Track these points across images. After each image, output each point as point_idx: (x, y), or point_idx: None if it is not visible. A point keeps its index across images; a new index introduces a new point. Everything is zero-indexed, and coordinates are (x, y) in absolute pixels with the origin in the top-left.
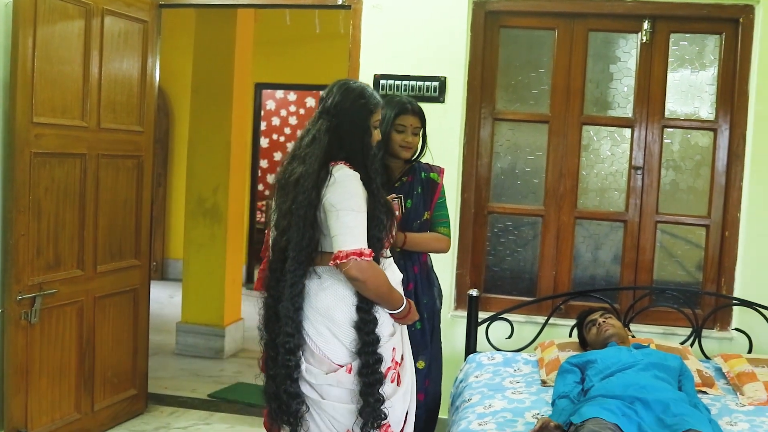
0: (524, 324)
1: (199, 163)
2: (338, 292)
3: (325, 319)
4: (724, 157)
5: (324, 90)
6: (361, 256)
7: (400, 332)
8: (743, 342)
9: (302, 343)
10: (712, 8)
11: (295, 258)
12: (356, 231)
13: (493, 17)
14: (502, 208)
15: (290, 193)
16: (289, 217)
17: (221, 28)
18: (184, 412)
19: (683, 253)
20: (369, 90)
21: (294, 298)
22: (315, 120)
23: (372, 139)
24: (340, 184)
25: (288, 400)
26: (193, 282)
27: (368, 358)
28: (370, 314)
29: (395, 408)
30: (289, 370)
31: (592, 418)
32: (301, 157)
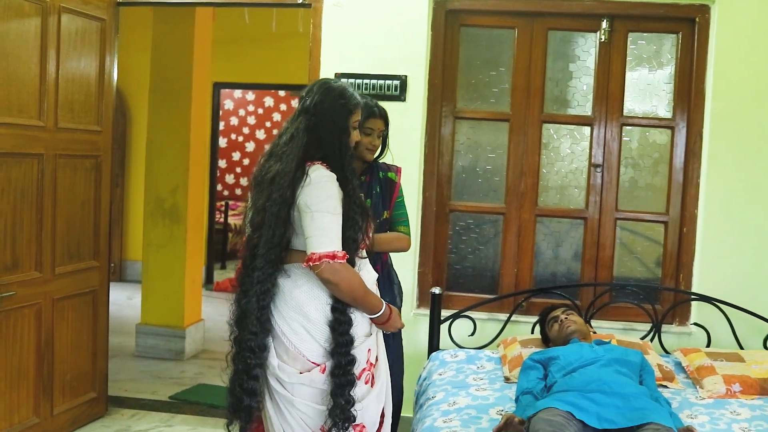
0: (486, 321)
1: (158, 164)
2: (313, 291)
3: (299, 317)
4: (681, 154)
5: (304, 89)
6: (334, 258)
7: (376, 333)
8: (702, 336)
9: (274, 339)
10: (669, 8)
11: (264, 255)
12: (330, 233)
13: (453, 16)
14: (464, 206)
15: (265, 191)
16: (262, 214)
17: (180, 26)
18: (145, 414)
19: (642, 249)
20: (349, 90)
21: (260, 296)
22: (294, 118)
23: (350, 140)
24: (316, 185)
25: (241, 395)
26: (152, 283)
27: (341, 359)
28: (345, 315)
29: (369, 409)
30: (248, 367)
31: (545, 408)
32: (278, 154)
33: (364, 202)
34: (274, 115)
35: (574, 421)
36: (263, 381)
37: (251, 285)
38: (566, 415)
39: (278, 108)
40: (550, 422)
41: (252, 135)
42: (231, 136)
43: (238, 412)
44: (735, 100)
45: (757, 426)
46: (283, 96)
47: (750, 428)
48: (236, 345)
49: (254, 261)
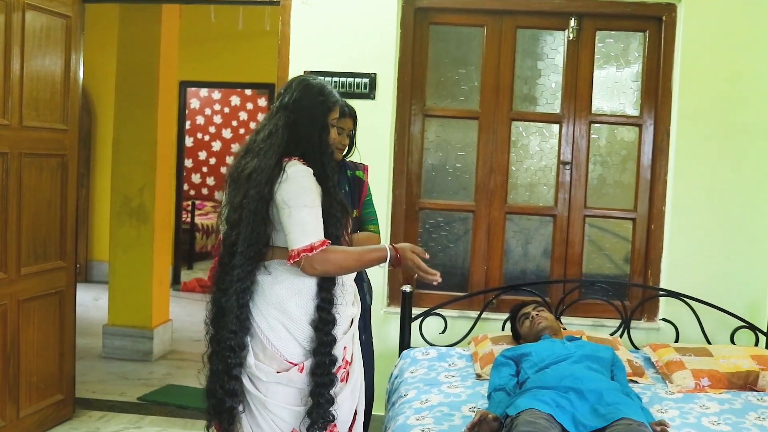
0: (457, 319)
1: (125, 163)
2: (294, 287)
3: (279, 314)
4: (649, 151)
5: (282, 86)
6: (312, 251)
7: (352, 331)
8: (670, 332)
9: (252, 338)
10: (636, 6)
11: (243, 253)
12: (308, 227)
13: (422, 14)
14: (434, 204)
15: (242, 188)
16: (240, 211)
17: (146, 24)
18: (114, 416)
19: (611, 246)
20: (328, 88)
21: (240, 294)
22: (272, 115)
23: (329, 137)
24: (292, 181)
25: (223, 397)
26: (119, 283)
27: (324, 358)
28: (330, 314)
29: (342, 407)
30: (228, 367)
31: (527, 410)
32: (255, 151)
33: (344, 198)
34: (240, 113)
35: (555, 423)
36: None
37: (230, 283)
38: (548, 418)
39: (244, 107)
40: (534, 424)
41: (218, 134)
42: (197, 135)
43: (221, 415)
44: (701, 98)
45: (726, 419)
46: (249, 95)
47: (719, 422)
48: (214, 344)
49: (232, 259)
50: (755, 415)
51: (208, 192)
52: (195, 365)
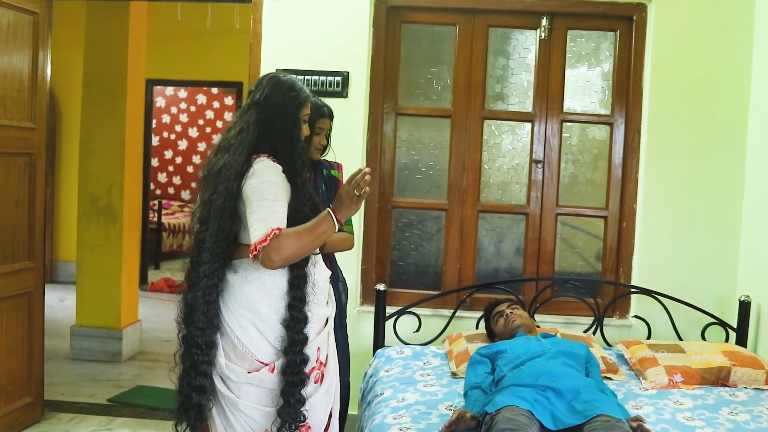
0: (430, 317)
1: (92, 161)
2: (265, 285)
3: (249, 313)
4: (620, 150)
5: (253, 83)
6: (266, 240)
7: (326, 332)
8: (642, 329)
9: (223, 338)
10: (607, 6)
11: (210, 249)
12: (267, 221)
13: (394, 12)
14: (406, 202)
15: (212, 184)
16: (208, 207)
17: (114, 22)
18: (84, 418)
19: (583, 244)
20: (299, 84)
21: (207, 291)
22: (243, 112)
23: (301, 133)
24: (258, 175)
25: (190, 393)
26: (87, 284)
27: (295, 357)
28: (302, 312)
29: (317, 409)
30: (195, 364)
31: (507, 406)
32: (226, 147)
33: (315, 194)
34: (206, 112)
35: (534, 419)
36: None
37: (197, 280)
38: (528, 414)
39: (211, 105)
40: (514, 421)
41: (184, 133)
42: (163, 134)
43: (188, 411)
44: (672, 97)
45: (700, 415)
46: (215, 93)
47: (693, 417)
48: (184, 343)
49: (200, 255)
50: (728, 410)
51: (175, 191)
52: (165, 366)
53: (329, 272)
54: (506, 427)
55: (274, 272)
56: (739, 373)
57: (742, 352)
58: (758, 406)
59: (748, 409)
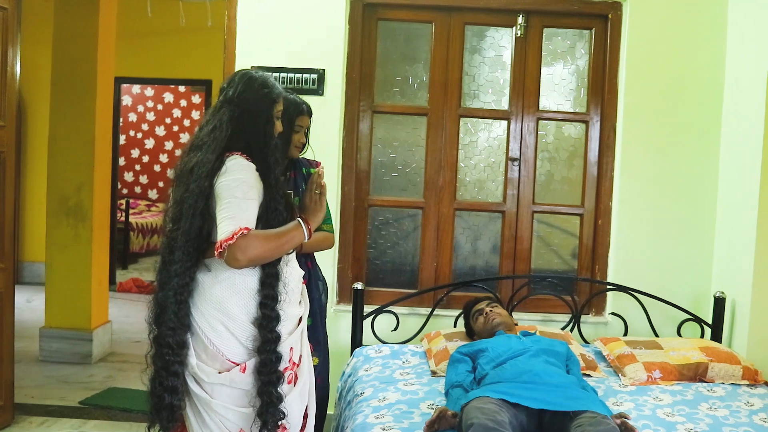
0: (407, 316)
1: (61, 160)
2: (235, 286)
3: (219, 314)
4: (595, 148)
5: (225, 80)
6: (232, 238)
7: (300, 332)
8: (618, 325)
9: (193, 338)
10: (583, 4)
11: (182, 248)
12: (235, 219)
13: (370, 10)
14: (383, 201)
15: (184, 182)
16: (180, 206)
17: (83, 19)
18: (55, 421)
19: (559, 241)
20: (271, 80)
21: (178, 290)
22: (216, 110)
23: (274, 130)
24: (229, 173)
25: (162, 393)
26: (56, 284)
27: (269, 356)
28: (274, 311)
29: (292, 409)
30: (166, 364)
31: (477, 397)
32: (198, 146)
33: (289, 194)
34: (173, 111)
35: (508, 406)
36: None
37: (169, 279)
38: (499, 402)
39: (178, 104)
40: (482, 410)
41: (151, 131)
42: (129, 133)
43: (160, 412)
44: (646, 95)
45: (680, 411)
46: (183, 92)
47: (673, 413)
48: (155, 343)
49: (172, 254)
50: (707, 405)
51: (141, 190)
52: (136, 367)
53: (302, 271)
54: (475, 416)
55: (245, 271)
56: (717, 369)
57: (718, 348)
58: (736, 401)
59: (727, 404)
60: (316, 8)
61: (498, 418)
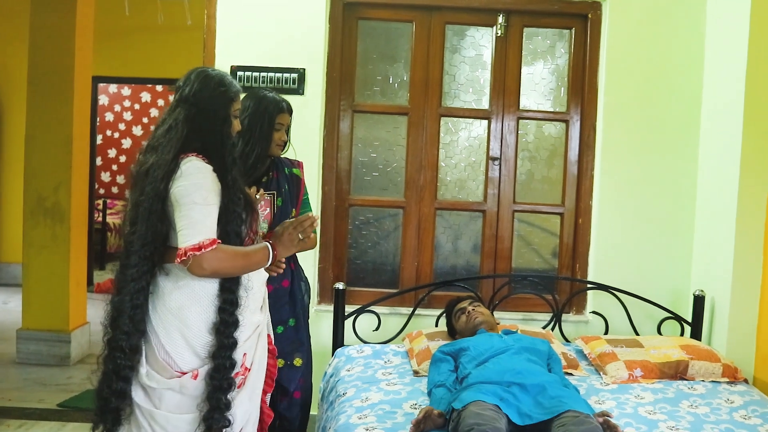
0: (389, 316)
1: (38, 160)
2: (195, 292)
3: (177, 321)
4: (576, 147)
5: (180, 78)
6: (200, 249)
7: (256, 336)
8: (599, 324)
9: (146, 343)
10: (563, 4)
11: (138, 252)
12: (198, 225)
13: (351, 9)
14: (363, 200)
15: (140, 185)
16: (137, 209)
17: (60, 17)
18: (33, 424)
19: (539, 240)
20: (228, 78)
21: (134, 294)
22: (172, 109)
23: (231, 129)
24: (186, 177)
25: (109, 397)
26: (34, 285)
27: (224, 362)
28: (233, 316)
29: (235, 414)
30: (117, 368)
31: (474, 401)
32: (154, 146)
33: (249, 194)
34: (151, 110)
35: (502, 413)
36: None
37: (125, 283)
38: (495, 408)
39: (155, 103)
40: (481, 415)
41: (128, 131)
42: (106, 133)
43: (105, 415)
44: (626, 94)
45: (661, 408)
46: (160, 91)
47: (655, 411)
48: (108, 346)
49: (129, 258)
50: (688, 403)
51: (119, 190)
52: None
53: (266, 275)
54: (474, 422)
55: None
56: (697, 367)
57: (698, 346)
58: (716, 399)
59: (707, 402)
60: (296, 7)
61: (497, 425)
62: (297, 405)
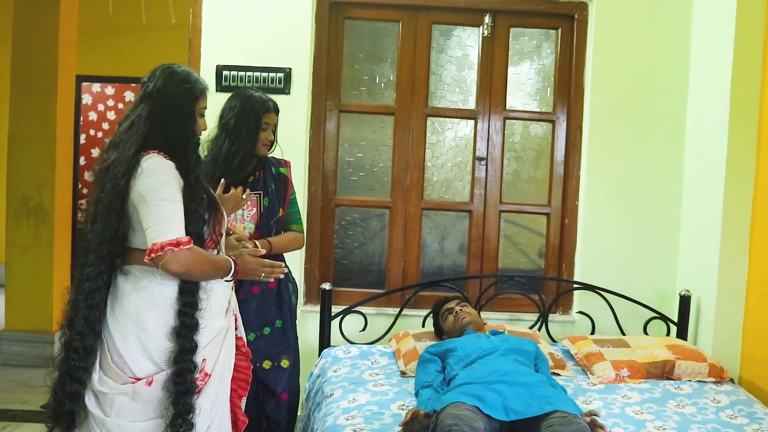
0: (375, 316)
1: (22, 160)
2: (153, 296)
3: (134, 325)
4: (562, 147)
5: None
6: (178, 246)
7: (219, 341)
8: (585, 324)
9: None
10: (549, 4)
11: (95, 251)
12: (171, 221)
13: (337, 8)
14: (349, 200)
15: (101, 182)
16: (96, 207)
17: (43, 15)
18: (17, 426)
19: (526, 241)
20: (194, 75)
21: (90, 294)
22: (135, 105)
23: (196, 127)
24: (149, 174)
25: (63, 399)
26: (17, 286)
27: (185, 365)
28: (193, 319)
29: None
30: (71, 369)
31: (452, 403)
32: (116, 143)
33: (213, 195)
34: None
35: (481, 414)
36: None
37: (81, 282)
38: (473, 409)
39: None
40: (458, 416)
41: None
42: (90, 132)
43: (60, 418)
44: (612, 94)
45: (648, 408)
46: None
47: (642, 411)
48: (64, 347)
49: (87, 257)
50: (675, 403)
51: None
52: None
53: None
54: (452, 423)
55: (165, 280)
56: (683, 367)
57: (685, 346)
58: (703, 399)
59: (694, 402)
60: (282, 7)
61: (474, 425)
62: (284, 407)
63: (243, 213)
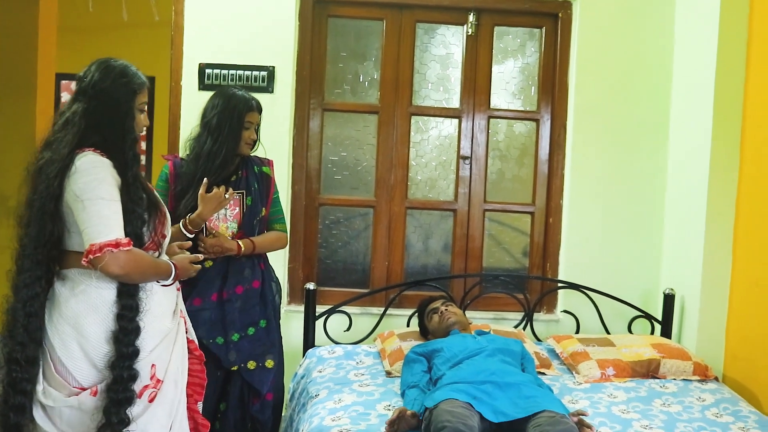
0: (359, 316)
1: (0, 159)
2: (91, 300)
3: (74, 332)
4: (546, 146)
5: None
6: (117, 247)
7: (168, 345)
8: (569, 323)
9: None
10: (534, 3)
11: (31, 256)
12: (110, 221)
13: (321, 6)
14: (333, 199)
15: (33, 183)
16: (29, 209)
17: (21, 10)
18: None
19: (510, 240)
20: (132, 69)
21: (27, 302)
22: (70, 102)
23: (135, 123)
24: (84, 173)
25: (7, 413)
26: None
27: (122, 372)
28: (132, 323)
29: (151, 428)
30: (13, 381)
31: (446, 400)
32: (50, 142)
33: (155, 195)
34: None
35: (474, 411)
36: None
37: (18, 289)
38: (467, 406)
39: None
40: (453, 413)
41: None
42: None
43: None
44: (596, 93)
45: (634, 407)
46: None
47: (628, 410)
48: (5, 359)
49: (22, 263)
50: (660, 401)
51: None
52: None
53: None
54: (446, 419)
55: (103, 283)
56: (668, 365)
57: (669, 345)
58: (688, 397)
59: (679, 400)
60: (266, 4)
61: (468, 422)
62: (270, 407)
63: (226, 212)
